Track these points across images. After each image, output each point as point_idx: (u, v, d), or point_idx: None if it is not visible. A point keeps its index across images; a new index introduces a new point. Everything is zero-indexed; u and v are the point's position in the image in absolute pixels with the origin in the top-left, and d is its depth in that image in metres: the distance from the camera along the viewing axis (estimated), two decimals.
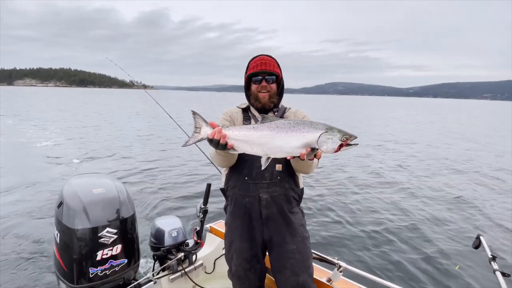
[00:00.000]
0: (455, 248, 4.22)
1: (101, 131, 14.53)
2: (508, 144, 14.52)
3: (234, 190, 1.61)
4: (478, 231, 4.61)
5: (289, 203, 1.59)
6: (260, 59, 1.60)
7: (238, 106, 1.71)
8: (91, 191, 1.91)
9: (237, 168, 1.59)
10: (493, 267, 1.65)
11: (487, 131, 20.99)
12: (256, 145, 1.23)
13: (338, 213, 5.26)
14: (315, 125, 1.19)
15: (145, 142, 12.01)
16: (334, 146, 1.15)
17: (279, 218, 1.57)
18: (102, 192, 1.92)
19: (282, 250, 1.56)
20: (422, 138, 15.86)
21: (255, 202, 1.56)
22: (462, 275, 3.54)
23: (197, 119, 1.29)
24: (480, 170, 9.01)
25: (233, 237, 1.64)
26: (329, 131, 1.16)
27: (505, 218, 5.42)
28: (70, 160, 8.59)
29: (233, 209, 1.64)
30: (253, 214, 1.57)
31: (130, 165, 8.14)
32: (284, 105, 1.72)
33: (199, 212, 2.30)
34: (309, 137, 1.17)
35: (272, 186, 1.55)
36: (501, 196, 6.66)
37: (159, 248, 2.23)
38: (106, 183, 2.04)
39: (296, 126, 1.19)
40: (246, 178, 1.56)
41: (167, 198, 5.69)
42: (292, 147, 1.19)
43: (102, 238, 1.77)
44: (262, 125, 1.24)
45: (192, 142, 1.29)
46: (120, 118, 22.09)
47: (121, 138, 12.78)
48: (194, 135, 1.29)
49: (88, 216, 1.76)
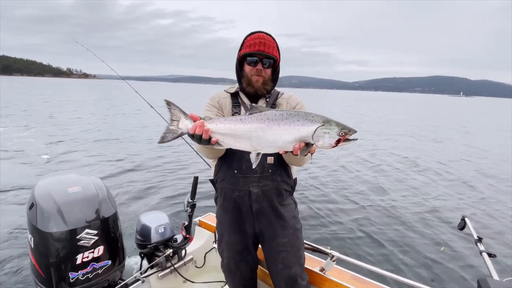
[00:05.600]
0: (440, 230, 4.34)
1: (69, 124, 13.54)
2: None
3: (223, 183, 1.51)
4: (462, 213, 4.77)
5: (280, 196, 1.51)
6: (259, 37, 1.42)
7: (226, 90, 1.56)
8: (66, 191, 1.76)
9: (226, 160, 1.49)
10: (479, 248, 1.66)
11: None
12: (244, 139, 1.10)
13: (330, 199, 5.30)
14: (311, 117, 1.06)
15: (121, 135, 11.30)
16: (331, 141, 1.04)
17: (270, 212, 1.50)
18: (78, 191, 1.77)
19: (274, 243, 1.51)
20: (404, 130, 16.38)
21: (245, 197, 1.47)
22: (448, 257, 3.66)
23: (174, 110, 1.13)
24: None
25: (223, 230, 1.58)
26: (326, 125, 1.04)
27: (489, 200, 5.62)
28: (38, 155, 7.77)
29: (223, 202, 1.55)
30: (243, 208, 1.50)
31: (109, 160, 7.63)
32: (277, 89, 1.59)
33: (186, 206, 2.21)
34: (303, 131, 1.04)
35: (263, 180, 1.46)
36: (485, 178, 6.91)
37: (146, 245, 2.12)
38: (83, 181, 1.89)
39: (289, 118, 1.06)
40: (236, 172, 1.46)
41: (152, 192, 5.45)
42: (285, 141, 1.06)
43: (82, 240, 1.64)
44: (250, 116, 1.10)
45: (170, 138, 1.14)
46: (87, 108, 20.41)
47: (94, 130, 11.98)
48: (172, 130, 1.14)
49: (64, 218, 1.62)
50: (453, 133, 15.93)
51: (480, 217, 4.93)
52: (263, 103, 1.51)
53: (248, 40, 1.44)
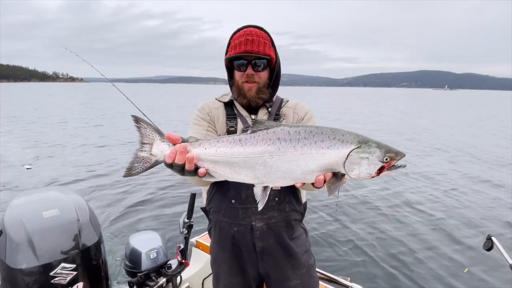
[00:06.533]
0: (461, 250, 3.89)
1: (51, 130, 12.52)
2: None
3: (217, 215, 1.23)
4: (483, 229, 4.37)
5: (290, 228, 1.24)
6: (246, 33, 1.13)
7: (218, 99, 1.28)
8: (40, 215, 1.50)
9: (220, 186, 1.21)
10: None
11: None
12: (246, 169, 0.81)
13: (345, 223, 4.59)
14: (340, 135, 0.78)
15: (109, 142, 10.34)
16: (370, 170, 0.76)
17: (278, 250, 1.22)
18: (55, 215, 1.51)
19: (284, 286, 1.24)
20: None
21: (246, 233, 1.20)
22: (473, 280, 3.29)
23: (145, 129, 0.84)
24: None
25: (220, 271, 1.30)
26: (363, 146, 0.76)
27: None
28: (22, 165, 7.02)
29: (218, 238, 1.28)
30: (244, 247, 1.22)
31: (94, 170, 6.84)
32: (280, 96, 1.32)
33: (182, 227, 1.95)
34: (331, 156, 0.76)
35: (268, 211, 1.18)
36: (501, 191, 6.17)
37: (136, 273, 1.86)
38: (62, 201, 1.63)
39: (309, 138, 0.78)
40: (233, 202, 1.19)
41: (144, 209, 4.84)
42: (304, 171, 0.78)
43: (57, 276, 1.38)
44: (253, 136, 0.81)
45: (141, 170, 0.86)
46: (73, 115, 18.85)
47: (81, 138, 11.02)
48: (142, 158, 0.85)
49: (35, 251, 1.36)
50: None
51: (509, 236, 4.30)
52: (265, 114, 1.23)
53: (233, 39, 1.15)
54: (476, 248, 3.87)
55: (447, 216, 4.93)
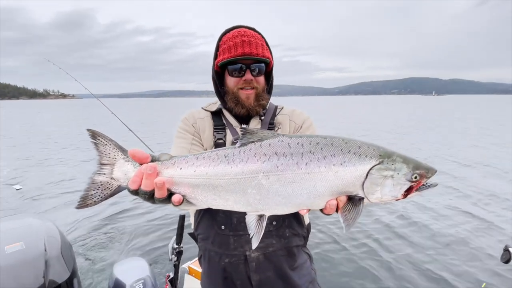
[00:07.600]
0: (478, 265, 3.58)
1: (38, 150, 11.69)
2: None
3: (206, 243, 1.05)
4: (500, 239, 4.04)
5: (291, 257, 1.05)
6: (240, 34, 0.99)
7: (205, 108, 1.12)
8: (2, 250, 1.29)
9: (208, 209, 1.03)
10: None
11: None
12: (235, 193, 0.62)
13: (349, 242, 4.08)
14: (356, 148, 0.59)
15: (89, 158, 9.46)
16: (396, 192, 0.58)
17: (278, 283, 1.03)
18: (19, 250, 1.30)
19: None
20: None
21: (240, 265, 1.01)
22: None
23: (103, 146, 0.67)
24: None
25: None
26: (386, 162, 0.58)
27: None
28: (11, 185, 6.55)
29: (208, 270, 1.08)
30: (238, 281, 1.03)
31: (77, 190, 6.16)
32: (273, 103, 1.15)
33: (171, 254, 1.73)
34: (346, 176, 0.58)
35: (265, 238, 0.99)
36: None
37: None
38: (31, 232, 1.42)
39: (316, 153, 0.59)
40: (223, 228, 1.00)
41: (130, 232, 4.32)
42: (311, 195, 0.59)
43: None
44: (243, 150, 0.63)
45: (99, 199, 0.67)
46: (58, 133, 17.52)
47: (67, 155, 10.27)
48: (100, 183, 0.67)
49: None
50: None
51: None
52: (257, 123, 1.06)
53: (225, 40, 1.01)
54: (493, 260, 3.59)
55: (462, 229, 4.53)
